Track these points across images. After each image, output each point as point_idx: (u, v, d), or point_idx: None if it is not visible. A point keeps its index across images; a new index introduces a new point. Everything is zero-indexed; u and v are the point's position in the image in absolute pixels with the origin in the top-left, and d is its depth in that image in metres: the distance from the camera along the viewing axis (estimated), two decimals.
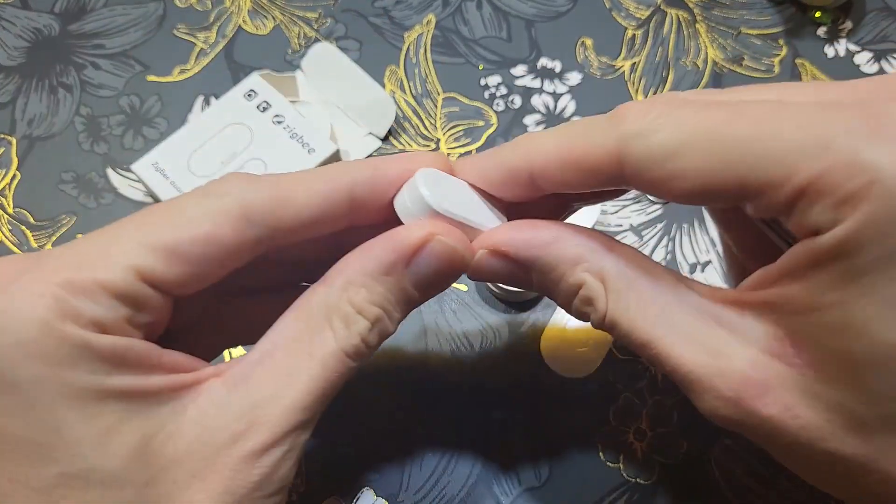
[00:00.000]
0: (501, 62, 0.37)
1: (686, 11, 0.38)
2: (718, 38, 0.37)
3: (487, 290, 0.31)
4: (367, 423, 0.29)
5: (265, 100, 0.32)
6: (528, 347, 0.30)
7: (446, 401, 0.29)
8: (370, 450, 0.28)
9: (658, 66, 0.37)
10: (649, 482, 0.27)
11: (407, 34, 0.38)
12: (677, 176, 0.16)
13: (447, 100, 0.36)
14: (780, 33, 0.37)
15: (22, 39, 0.37)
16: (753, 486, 0.27)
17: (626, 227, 0.33)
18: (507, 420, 0.28)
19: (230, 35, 0.37)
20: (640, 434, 0.28)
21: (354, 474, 0.28)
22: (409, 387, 0.29)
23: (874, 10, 0.38)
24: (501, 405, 0.29)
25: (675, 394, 0.29)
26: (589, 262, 0.18)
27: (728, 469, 0.28)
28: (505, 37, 0.38)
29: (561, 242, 0.18)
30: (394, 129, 0.35)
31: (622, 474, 0.28)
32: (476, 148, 0.34)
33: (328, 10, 0.38)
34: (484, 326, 0.30)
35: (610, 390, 0.29)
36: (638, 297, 0.17)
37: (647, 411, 0.29)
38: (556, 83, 0.36)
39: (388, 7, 0.38)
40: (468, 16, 0.38)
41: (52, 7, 0.38)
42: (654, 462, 0.28)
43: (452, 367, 0.30)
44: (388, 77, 0.36)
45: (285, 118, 0.32)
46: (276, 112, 0.32)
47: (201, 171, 0.31)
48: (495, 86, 0.36)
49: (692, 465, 0.28)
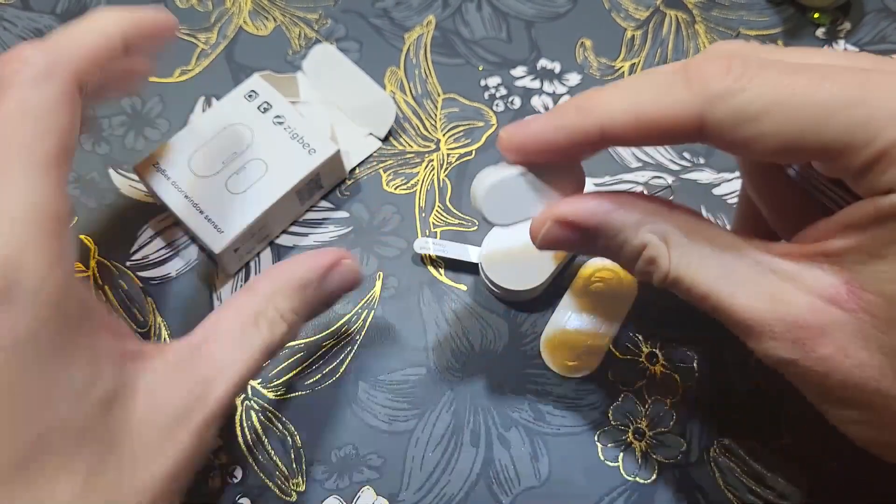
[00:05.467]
0: (501, 63, 0.37)
1: (685, 12, 0.38)
2: (717, 39, 0.37)
3: (487, 290, 0.31)
4: (367, 423, 0.29)
5: (266, 100, 0.32)
6: (528, 347, 0.30)
7: (446, 400, 0.29)
8: (370, 450, 0.28)
9: (657, 66, 0.37)
10: (649, 482, 0.27)
11: (407, 35, 0.38)
12: (761, 136, 0.17)
13: (447, 100, 0.36)
14: (779, 34, 0.38)
15: (23, 40, 0.38)
16: (753, 486, 0.27)
17: None
18: (508, 420, 0.29)
19: (231, 36, 0.37)
20: (640, 433, 0.28)
21: (354, 474, 0.28)
22: (408, 386, 0.29)
23: (873, 10, 0.38)
24: (501, 405, 0.29)
25: (675, 393, 0.29)
26: (651, 225, 0.19)
27: (728, 469, 0.28)
28: (505, 38, 0.38)
29: (624, 209, 0.19)
30: (394, 130, 0.35)
31: (622, 474, 0.28)
32: (476, 148, 0.35)
33: (328, 11, 0.38)
34: (484, 326, 0.30)
35: (610, 390, 0.29)
36: (699, 253, 0.19)
37: (646, 411, 0.29)
38: (555, 84, 0.36)
39: (388, 8, 0.38)
40: (468, 17, 0.38)
41: (53, 8, 0.38)
42: (653, 461, 0.28)
43: (452, 367, 0.30)
44: (389, 78, 0.36)
45: (286, 119, 0.31)
46: (276, 113, 0.32)
47: (202, 171, 0.31)
48: (495, 86, 0.36)
49: (692, 465, 0.28)
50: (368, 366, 0.30)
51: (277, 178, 0.30)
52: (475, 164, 0.34)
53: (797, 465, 0.27)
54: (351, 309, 0.31)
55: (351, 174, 0.34)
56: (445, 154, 0.34)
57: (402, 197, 0.33)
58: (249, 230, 0.30)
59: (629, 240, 0.19)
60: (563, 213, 0.20)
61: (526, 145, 0.20)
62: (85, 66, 0.21)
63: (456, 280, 0.32)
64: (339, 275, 0.24)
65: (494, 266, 0.30)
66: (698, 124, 0.17)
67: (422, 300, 0.31)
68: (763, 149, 0.17)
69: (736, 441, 0.28)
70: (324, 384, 0.29)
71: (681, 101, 0.17)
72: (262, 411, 0.29)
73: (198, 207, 0.30)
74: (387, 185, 0.34)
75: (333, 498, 0.27)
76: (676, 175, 0.34)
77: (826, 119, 0.16)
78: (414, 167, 0.34)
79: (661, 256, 0.19)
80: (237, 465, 0.28)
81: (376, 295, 0.31)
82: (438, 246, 0.31)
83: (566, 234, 0.20)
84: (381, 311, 0.31)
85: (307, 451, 0.28)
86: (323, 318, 0.31)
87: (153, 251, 0.32)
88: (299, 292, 0.23)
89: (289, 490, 0.27)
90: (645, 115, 0.18)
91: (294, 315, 0.23)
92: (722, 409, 0.29)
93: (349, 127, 0.35)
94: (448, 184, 0.34)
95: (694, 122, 0.17)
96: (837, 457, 0.27)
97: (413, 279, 0.31)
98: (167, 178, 0.30)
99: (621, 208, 0.19)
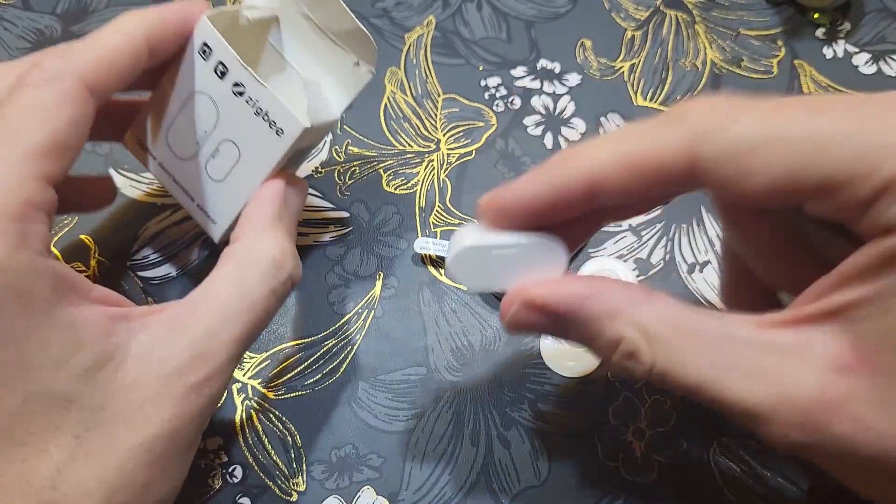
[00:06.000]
0: (501, 63, 0.37)
1: (685, 12, 0.38)
2: (717, 40, 0.38)
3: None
4: (367, 423, 0.29)
5: (220, 60, 0.25)
6: (528, 347, 0.30)
7: (446, 400, 0.29)
8: (370, 449, 0.28)
9: (657, 67, 0.37)
10: (648, 481, 0.27)
11: (407, 35, 0.38)
12: (754, 172, 0.16)
13: (447, 100, 0.36)
14: (779, 34, 0.38)
15: (24, 41, 0.38)
16: (753, 485, 0.27)
17: (626, 228, 0.33)
18: (507, 419, 0.29)
19: None
20: (640, 433, 0.28)
21: (354, 474, 0.28)
22: (408, 386, 0.29)
23: (872, 10, 0.38)
24: (501, 405, 0.29)
25: (674, 393, 0.29)
26: (628, 315, 0.18)
27: (727, 469, 0.28)
28: (505, 38, 0.38)
29: (597, 297, 0.18)
30: (394, 130, 0.35)
31: (621, 474, 0.28)
32: (476, 148, 0.35)
33: None
34: (484, 326, 0.30)
35: (609, 390, 0.29)
36: (684, 343, 0.17)
37: (646, 411, 0.29)
38: (555, 84, 0.36)
39: (388, 8, 0.39)
40: (468, 17, 0.38)
41: (53, 8, 0.38)
42: (653, 461, 0.28)
43: (452, 367, 0.30)
44: (389, 78, 0.36)
45: (246, 88, 0.25)
46: (234, 80, 0.25)
47: (180, 151, 0.27)
48: (495, 87, 0.36)
49: (691, 465, 0.28)
50: (368, 366, 0.30)
51: (251, 166, 0.26)
52: (475, 164, 0.34)
53: (797, 465, 0.27)
54: (351, 309, 0.31)
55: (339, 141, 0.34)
56: (445, 154, 0.34)
57: (402, 197, 0.33)
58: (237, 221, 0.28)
59: (603, 332, 0.18)
60: (532, 296, 0.19)
61: (507, 208, 0.19)
62: (95, 69, 0.21)
63: None
64: (293, 192, 0.26)
65: None
66: (689, 164, 0.17)
67: (422, 300, 0.31)
68: (757, 185, 0.16)
69: (736, 441, 0.28)
70: (324, 384, 0.29)
71: (669, 142, 0.17)
72: (262, 411, 0.29)
73: (188, 194, 0.28)
74: (387, 185, 0.34)
75: (333, 498, 0.27)
76: None
77: (823, 150, 0.15)
78: (414, 167, 0.34)
79: (640, 351, 0.17)
80: (237, 465, 0.28)
81: (376, 295, 0.31)
82: (438, 246, 0.31)
83: (535, 318, 0.19)
84: (381, 311, 0.31)
85: (307, 451, 0.28)
86: (323, 318, 0.31)
87: (153, 251, 0.32)
88: (279, 224, 0.24)
89: (289, 490, 0.27)
90: (633, 160, 0.17)
91: (288, 245, 0.24)
92: None
93: (335, 54, 0.28)
94: (448, 184, 0.34)
95: (684, 162, 0.17)
96: None
97: (413, 279, 0.32)
98: (153, 158, 0.28)
99: (595, 296, 0.18)
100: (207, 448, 0.28)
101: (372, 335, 0.30)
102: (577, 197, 0.18)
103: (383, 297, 0.31)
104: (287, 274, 0.23)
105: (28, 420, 0.18)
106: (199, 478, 0.27)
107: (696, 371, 0.17)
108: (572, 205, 0.19)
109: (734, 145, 0.16)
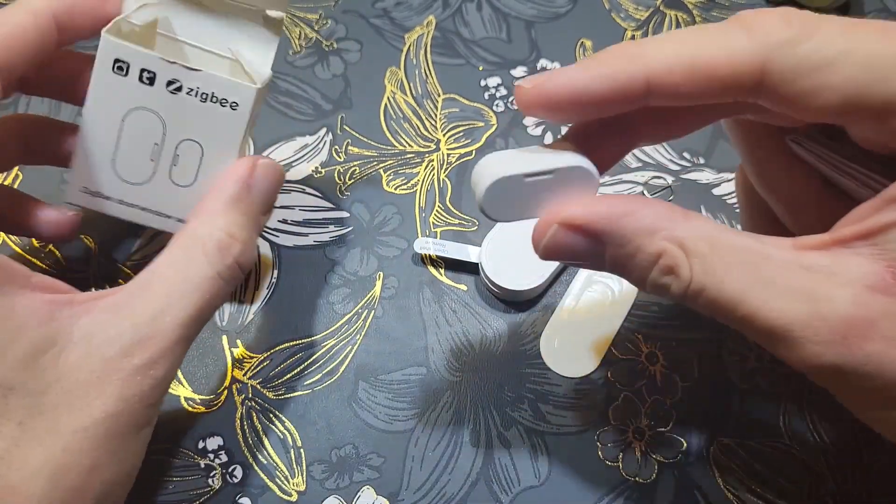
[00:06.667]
0: (501, 63, 0.37)
1: (685, 12, 0.38)
2: None
3: (487, 290, 0.31)
4: (367, 423, 0.29)
5: (143, 68, 0.24)
6: (528, 347, 0.30)
7: (446, 400, 0.29)
8: (370, 449, 0.28)
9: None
10: (648, 481, 0.27)
11: (407, 35, 0.38)
12: (824, 88, 0.16)
13: (447, 100, 0.36)
14: None
15: None
16: (753, 485, 0.27)
17: None
18: (507, 419, 0.29)
19: None
20: (640, 433, 0.28)
21: (354, 474, 0.28)
22: (408, 386, 0.29)
23: (873, 10, 0.38)
24: (501, 405, 0.29)
25: (674, 393, 0.29)
26: (667, 231, 0.17)
27: (727, 469, 0.28)
28: (505, 38, 0.38)
29: (636, 214, 0.18)
30: (394, 130, 0.35)
31: (621, 473, 0.28)
32: (476, 148, 0.35)
33: (328, 12, 0.38)
34: (484, 326, 0.30)
35: (609, 390, 0.29)
36: (722, 259, 0.17)
37: (646, 410, 0.29)
38: None
39: (388, 8, 0.39)
40: (468, 17, 0.38)
41: None
42: (653, 461, 0.28)
43: (452, 367, 0.30)
44: (389, 78, 0.36)
45: (182, 82, 0.24)
46: (166, 79, 0.24)
47: (135, 178, 0.26)
48: (495, 87, 0.36)
49: (691, 465, 0.28)
50: (368, 366, 0.30)
51: (217, 155, 0.26)
52: (475, 164, 0.34)
53: (797, 465, 0.27)
54: (351, 309, 0.31)
55: None
56: (445, 154, 0.34)
57: (402, 197, 0.33)
58: None
59: (643, 247, 0.18)
60: (571, 215, 0.18)
61: (556, 96, 0.18)
62: None
63: (456, 280, 0.32)
64: (262, 176, 0.25)
65: (494, 266, 0.30)
66: (758, 75, 0.16)
67: (422, 300, 0.31)
68: (824, 102, 0.16)
69: (736, 441, 0.28)
70: (324, 384, 0.29)
71: (741, 48, 0.16)
72: (262, 411, 0.29)
73: (163, 214, 0.26)
74: (387, 185, 0.34)
75: (333, 498, 0.27)
76: (676, 175, 0.34)
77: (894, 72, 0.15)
78: (414, 167, 0.34)
79: (680, 266, 0.17)
80: (237, 465, 0.28)
81: (376, 295, 0.31)
82: (438, 246, 0.31)
83: (573, 240, 0.19)
84: (381, 311, 0.31)
85: (307, 451, 0.28)
86: (323, 318, 0.31)
87: (153, 251, 0.32)
88: (234, 207, 0.24)
89: (289, 490, 0.27)
90: (701, 62, 0.17)
91: (240, 229, 0.23)
92: (722, 409, 0.29)
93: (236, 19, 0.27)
94: (448, 184, 0.34)
95: (754, 71, 0.16)
96: (837, 456, 0.27)
97: (413, 279, 0.32)
98: (108, 199, 0.26)
99: (634, 213, 0.18)
100: (207, 448, 0.28)
101: (372, 335, 0.30)
102: (634, 93, 0.17)
103: (383, 297, 0.31)
104: (233, 258, 0.23)
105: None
106: (199, 478, 0.27)
107: (731, 288, 0.17)
108: (626, 101, 0.18)
109: (807, 59, 0.16)
